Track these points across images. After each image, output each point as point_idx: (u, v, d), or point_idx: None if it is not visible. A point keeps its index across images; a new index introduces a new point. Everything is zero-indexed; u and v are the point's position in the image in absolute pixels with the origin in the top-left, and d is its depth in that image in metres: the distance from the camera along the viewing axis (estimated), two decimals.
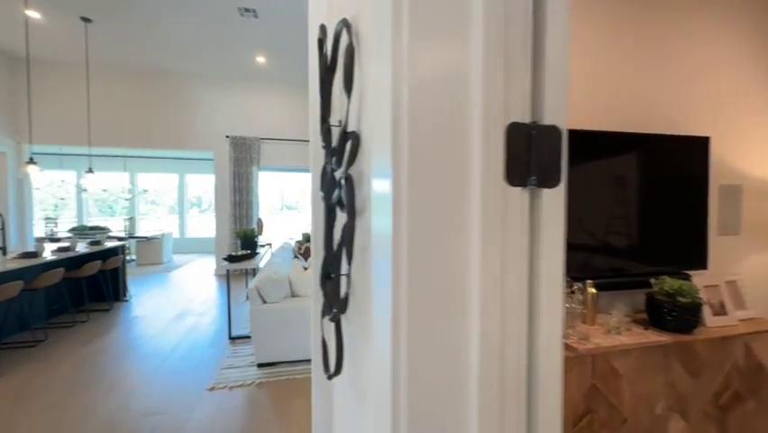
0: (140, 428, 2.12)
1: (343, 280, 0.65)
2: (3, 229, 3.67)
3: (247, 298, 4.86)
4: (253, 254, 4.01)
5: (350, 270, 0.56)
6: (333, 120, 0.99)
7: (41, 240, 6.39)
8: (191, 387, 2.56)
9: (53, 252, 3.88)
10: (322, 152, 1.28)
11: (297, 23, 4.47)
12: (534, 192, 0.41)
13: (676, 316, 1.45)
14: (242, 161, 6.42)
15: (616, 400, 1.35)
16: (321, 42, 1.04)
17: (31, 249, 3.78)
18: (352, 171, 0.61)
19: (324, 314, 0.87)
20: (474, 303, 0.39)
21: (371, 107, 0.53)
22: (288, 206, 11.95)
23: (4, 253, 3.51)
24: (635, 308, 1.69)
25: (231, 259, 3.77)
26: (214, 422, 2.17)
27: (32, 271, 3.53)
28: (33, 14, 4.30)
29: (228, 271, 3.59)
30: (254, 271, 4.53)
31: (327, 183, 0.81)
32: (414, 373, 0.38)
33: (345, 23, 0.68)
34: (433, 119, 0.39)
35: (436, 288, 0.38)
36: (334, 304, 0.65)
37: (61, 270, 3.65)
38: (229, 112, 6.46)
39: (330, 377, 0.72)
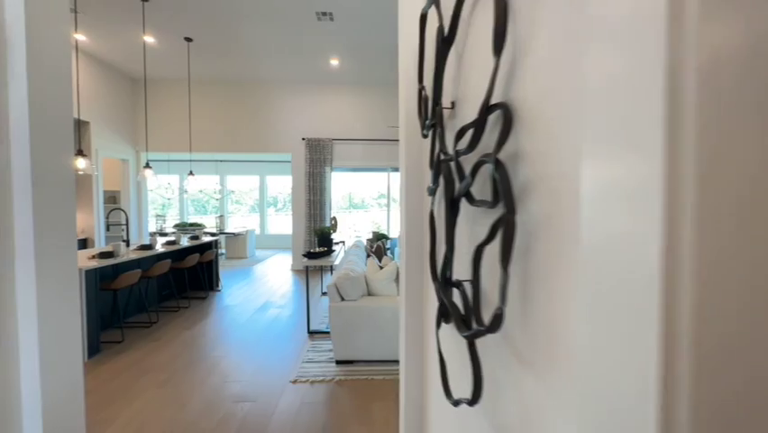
0: (234, 411, 2.26)
1: (490, 290, 0.53)
2: (126, 225, 4.31)
3: (323, 293, 5.04)
4: (330, 252, 4.12)
5: (506, 279, 0.44)
6: (445, 101, 0.87)
7: (153, 234, 7.45)
8: (276, 377, 2.68)
9: (162, 245, 4.44)
10: (421, 143, 1.17)
11: (372, 22, 4.48)
12: None
13: None
14: (317, 162, 6.71)
15: None
16: (423, 18, 0.93)
17: (146, 242, 4.37)
18: (500, 155, 0.49)
19: (439, 324, 0.76)
20: None
21: (556, 65, 0.40)
22: (354, 204, 12.28)
23: (128, 245, 4.11)
24: None
25: (309, 255, 3.91)
26: (299, 415, 2.22)
27: (148, 261, 4.08)
28: (149, 39, 4.98)
29: (307, 266, 3.73)
30: (331, 269, 4.66)
31: (446, 173, 0.70)
32: None
33: None
34: (739, 58, 0.24)
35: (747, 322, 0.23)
36: (474, 319, 0.53)
37: (169, 261, 4.16)
38: (305, 115, 6.80)
39: (456, 404, 0.60)
